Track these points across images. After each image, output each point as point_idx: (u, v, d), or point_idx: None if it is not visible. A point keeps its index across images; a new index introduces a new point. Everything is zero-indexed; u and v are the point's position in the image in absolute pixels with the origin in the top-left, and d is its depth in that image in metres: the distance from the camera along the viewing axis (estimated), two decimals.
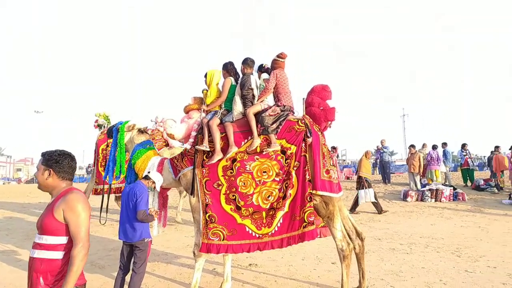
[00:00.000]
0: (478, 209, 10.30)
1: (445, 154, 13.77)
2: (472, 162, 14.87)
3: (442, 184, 12.39)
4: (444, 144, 14.06)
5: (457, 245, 6.61)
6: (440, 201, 11.51)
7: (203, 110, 4.58)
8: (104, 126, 9.13)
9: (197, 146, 4.35)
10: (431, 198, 11.61)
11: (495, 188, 12.83)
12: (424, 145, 14.10)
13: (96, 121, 9.30)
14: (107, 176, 4.99)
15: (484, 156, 25.80)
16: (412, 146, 13.59)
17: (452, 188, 12.06)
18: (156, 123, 8.56)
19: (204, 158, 4.33)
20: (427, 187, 12.04)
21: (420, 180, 12.93)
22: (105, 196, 5.92)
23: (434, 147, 13.27)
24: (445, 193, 11.67)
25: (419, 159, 12.61)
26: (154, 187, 4.45)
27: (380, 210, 10.05)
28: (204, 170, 4.29)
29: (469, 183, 13.93)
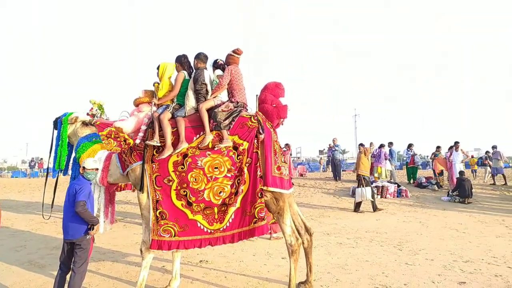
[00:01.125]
0: (420, 205, 10.97)
1: (391, 153, 14.50)
2: (418, 160, 15.83)
3: (388, 181, 13.05)
4: (390, 144, 14.80)
5: (399, 239, 6.99)
6: (385, 198, 12.12)
7: (154, 104, 4.45)
8: (97, 116, 8.23)
9: (147, 141, 4.23)
10: (377, 194, 12.17)
11: (435, 186, 13.73)
12: (371, 144, 14.73)
13: (91, 109, 8.31)
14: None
15: (427, 156, 27.51)
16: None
17: (396, 185, 12.75)
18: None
19: (154, 153, 4.22)
20: (374, 184, 12.61)
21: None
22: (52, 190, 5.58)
23: (381, 146, 13.94)
24: (390, 190, 12.30)
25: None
26: (102, 184, 4.27)
27: (375, 208, 10.02)
28: (154, 165, 4.19)
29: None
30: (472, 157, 17.22)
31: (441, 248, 6.31)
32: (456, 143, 13.66)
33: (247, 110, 4.52)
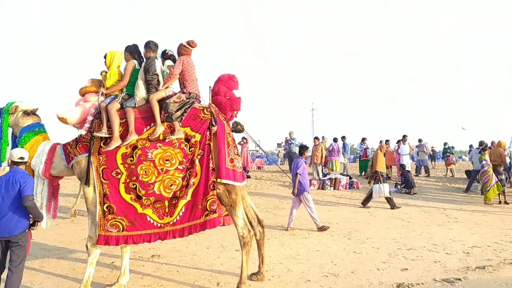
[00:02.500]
0: None
1: (344, 146, 14.99)
2: (370, 154, 16.49)
3: (340, 174, 13.49)
4: (343, 138, 15.28)
5: (349, 229, 7.27)
6: (338, 189, 12.54)
7: (102, 93, 4.26)
8: None
9: (94, 133, 4.05)
10: (331, 186, 12.57)
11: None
12: (323, 138, 15.14)
13: None
14: None
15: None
16: (316, 138, 14.50)
17: (348, 177, 13.23)
18: None
19: (101, 144, 4.05)
20: (327, 177, 13.00)
21: (322, 170, 13.90)
22: None
23: (335, 140, 14.37)
24: (342, 182, 12.74)
25: (321, 151, 13.53)
26: (45, 176, 4.05)
27: (393, 206, 9.64)
28: (101, 157, 4.02)
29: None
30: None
31: (387, 236, 6.64)
32: (404, 136, 14.38)
33: (200, 101, 4.45)
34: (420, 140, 15.99)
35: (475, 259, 5.35)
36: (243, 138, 15.27)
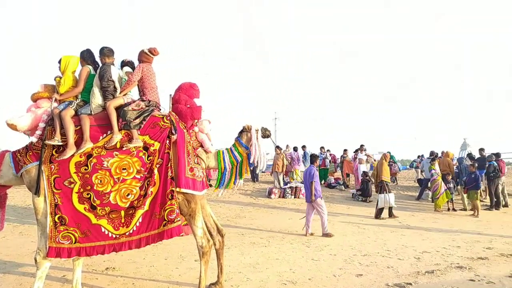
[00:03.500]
0: (328, 204, 11.73)
1: (304, 155, 15.30)
2: (329, 162, 16.92)
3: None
4: (304, 147, 15.62)
5: (307, 237, 7.41)
6: (298, 198, 12.73)
7: (55, 100, 4.10)
8: None
9: (46, 141, 3.88)
10: (291, 195, 12.76)
11: (342, 186, 14.84)
12: (287, 147, 15.39)
13: None
14: None
15: (338, 158, 29.57)
16: (278, 147, 14.70)
17: None
18: None
19: (53, 153, 3.88)
20: (288, 185, 13.19)
21: (283, 178, 14.09)
22: None
23: (295, 149, 14.64)
24: (302, 190, 12.95)
25: (283, 159, 13.73)
26: None
27: (391, 214, 9.85)
28: (52, 166, 3.85)
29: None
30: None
31: (343, 243, 6.84)
32: (361, 145, 14.94)
33: (159, 110, 4.40)
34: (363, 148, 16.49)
35: (425, 264, 5.63)
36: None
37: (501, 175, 11.64)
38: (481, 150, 13.68)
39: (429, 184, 12.37)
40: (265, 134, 8.17)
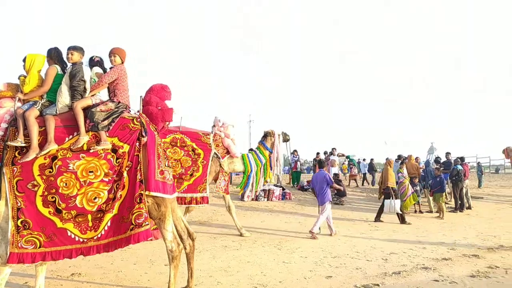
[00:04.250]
0: (300, 207, 11.89)
1: (292, 160, 15.48)
2: (301, 165, 17.15)
3: (274, 185, 13.82)
4: (295, 151, 15.80)
5: (279, 239, 7.46)
6: (271, 200, 12.81)
7: (19, 99, 3.94)
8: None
9: (8, 142, 3.71)
10: (264, 197, 12.82)
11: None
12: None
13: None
14: None
15: (310, 161, 30.00)
16: (252, 150, 14.73)
17: (281, 188, 13.60)
18: (215, 127, 7.65)
19: (16, 154, 3.72)
20: (262, 188, 13.23)
21: None
22: None
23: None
24: (275, 193, 13.05)
25: None
26: None
27: (403, 220, 9.82)
28: (15, 168, 3.68)
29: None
30: (346, 159, 19.29)
31: (314, 246, 6.93)
32: (333, 149, 15.23)
33: (129, 111, 4.32)
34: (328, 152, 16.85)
35: (392, 265, 5.79)
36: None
37: (465, 179, 12.15)
38: (448, 154, 14.26)
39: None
40: (285, 138, 8.46)
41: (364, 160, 21.42)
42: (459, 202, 11.85)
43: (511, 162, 16.59)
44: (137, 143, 4.00)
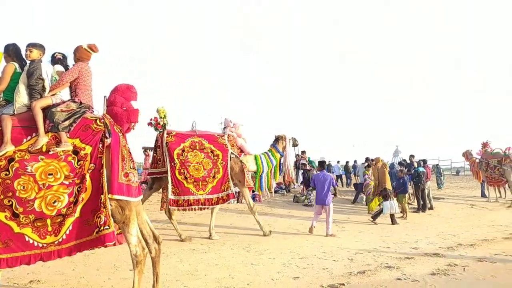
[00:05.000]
0: (269, 209, 11.93)
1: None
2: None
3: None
4: None
5: (248, 241, 7.45)
6: (241, 203, 12.76)
7: None
8: (165, 125, 7.49)
9: None
10: (234, 200, 12.75)
11: (284, 190, 15.17)
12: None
13: (155, 118, 7.47)
14: None
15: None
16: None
17: (252, 191, 13.60)
18: (227, 127, 8.21)
19: None
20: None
21: None
22: None
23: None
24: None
25: None
26: None
27: (394, 221, 10.10)
28: None
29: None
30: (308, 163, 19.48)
31: (283, 247, 6.97)
32: (303, 152, 15.40)
33: (92, 112, 4.19)
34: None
35: (357, 264, 5.92)
36: (145, 150, 14.73)
37: (427, 180, 12.64)
38: (411, 156, 14.80)
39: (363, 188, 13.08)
40: (295, 143, 9.14)
41: (338, 162, 21.83)
42: (422, 203, 12.30)
43: (470, 164, 17.51)
44: (101, 145, 3.89)
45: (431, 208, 12.68)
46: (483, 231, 8.96)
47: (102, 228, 3.73)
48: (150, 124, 7.54)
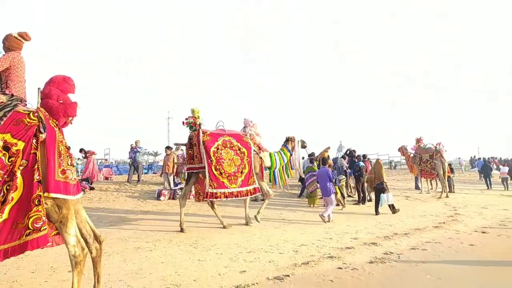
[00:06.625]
0: (220, 205, 11.89)
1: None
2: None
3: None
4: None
5: (196, 237, 7.40)
6: (189, 199, 12.59)
7: None
8: (202, 125, 8.37)
9: None
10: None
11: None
12: (177, 147, 15.13)
13: (194, 118, 8.29)
14: None
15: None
16: (168, 147, 14.37)
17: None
18: (246, 127, 9.17)
19: None
20: (179, 186, 12.98)
21: (174, 179, 13.81)
22: None
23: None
24: (193, 191, 12.86)
25: (173, 160, 13.46)
26: None
27: (394, 211, 10.81)
28: None
29: None
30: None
31: (230, 242, 7.02)
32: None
33: (25, 105, 3.91)
34: None
35: (302, 256, 6.13)
36: (86, 151, 14.07)
37: (367, 174, 13.36)
38: (353, 151, 15.53)
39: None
40: (303, 145, 10.71)
41: (303, 158, 22.20)
42: (362, 195, 12.99)
43: (405, 159, 18.77)
44: (34, 140, 3.64)
45: (370, 200, 13.44)
46: (416, 221, 9.67)
47: (34, 229, 3.48)
48: (186, 123, 8.33)
